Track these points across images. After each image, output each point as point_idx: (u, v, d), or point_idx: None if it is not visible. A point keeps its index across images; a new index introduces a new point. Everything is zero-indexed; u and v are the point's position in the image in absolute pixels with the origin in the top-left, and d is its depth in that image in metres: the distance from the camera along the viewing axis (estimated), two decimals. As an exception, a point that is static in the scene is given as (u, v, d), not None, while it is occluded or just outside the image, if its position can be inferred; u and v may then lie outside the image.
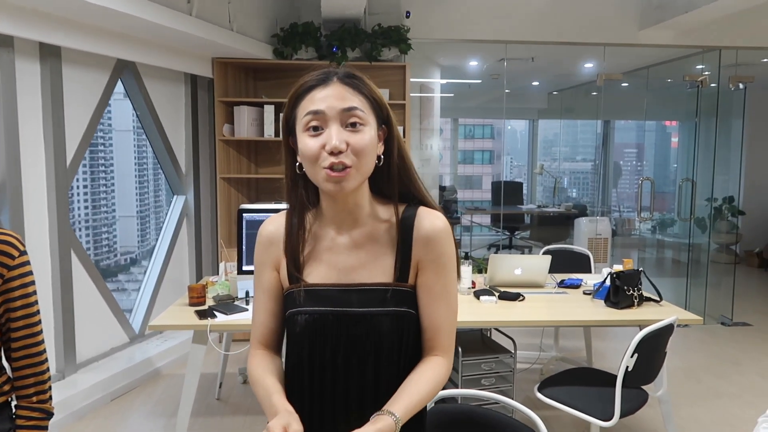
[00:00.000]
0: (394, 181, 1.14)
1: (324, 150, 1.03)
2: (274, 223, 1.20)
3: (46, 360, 1.40)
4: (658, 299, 3.00)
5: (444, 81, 6.96)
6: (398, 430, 1.02)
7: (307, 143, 1.05)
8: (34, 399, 1.36)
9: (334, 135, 1.03)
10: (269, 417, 1.07)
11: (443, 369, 1.13)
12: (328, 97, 1.04)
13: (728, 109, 6.08)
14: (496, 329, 3.34)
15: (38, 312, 1.38)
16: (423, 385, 1.10)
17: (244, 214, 2.93)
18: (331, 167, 1.03)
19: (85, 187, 4.21)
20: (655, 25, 4.74)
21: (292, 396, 1.15)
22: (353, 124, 1.04)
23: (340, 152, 1.02)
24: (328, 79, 1.06)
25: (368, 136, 1.05)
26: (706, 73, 5.32)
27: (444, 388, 1.71)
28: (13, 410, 1.36)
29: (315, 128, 1.04)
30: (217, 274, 3.43)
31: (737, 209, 7.39)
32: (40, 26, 2.92)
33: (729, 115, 6.31)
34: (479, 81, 7.59)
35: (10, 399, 1.36)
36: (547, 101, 9.09)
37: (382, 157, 1.12)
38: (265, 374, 1.14)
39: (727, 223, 7.39)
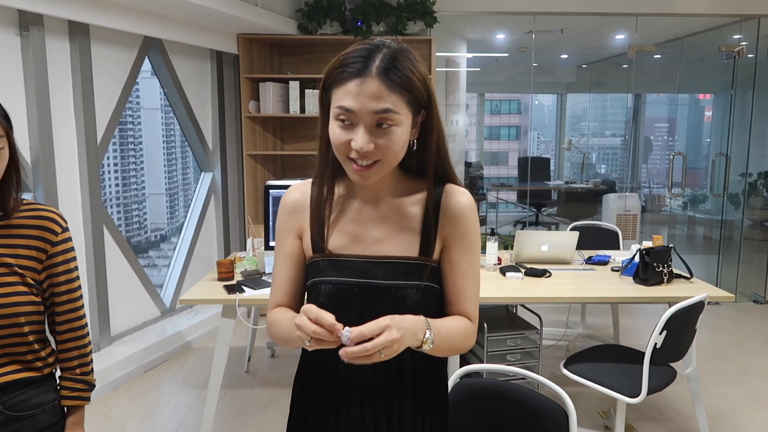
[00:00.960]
0: (429, 164, 1.12)
1: (351, 145, 1.02)
2: (298, 191, 1.20)
3: (88, 333, 1.44)
4: (689, 276, 2.95)
5: (470, 55, 6.84)
6: (429, 336, 1.01)
7: (335, 132, 1.04)
8: (78, 371, 1.41)
9: (361, 138, 1.01)
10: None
11: (471, 325, 1.14)
12: (362, 95, 1.00)
13: (766, 80, 5.86)
14: (522, 305, 3.33)
15: (80, 287, 1.42)
16: (453, 322, 1.11)
17: (271, 191, 2.95)
18: (357, 160, 1.03)
19: (115, 164, 4.30)
20: (691, -6, 4.58)
21: (315, 367, 1.17)
22: (384, 123, 1.02)
23: (366, 152, 1.02)
24: (365, 71, 1.00)
25: (397, 135, 1.03)
26: (744, 43, 5.13)
27: (469, 363, 1.72)
28: (57, 381, 1.42)
29: (345, 120, 1.03)
30: (245, 249, 3.48)
31: (773, 185, 7.17)
32: (69, 4, 2.94)
33: (767, 87, 6.09)
34: (506, 54, 7.44)
35: (54, 370, 1.41)
36: (576, 75, 8.88)
37: (416, 141, 1.10)
38: (286, 311, 1.16)
39: (762, 199, 7.17)
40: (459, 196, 1.14)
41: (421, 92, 1.05)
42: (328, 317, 0.93)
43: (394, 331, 0.93)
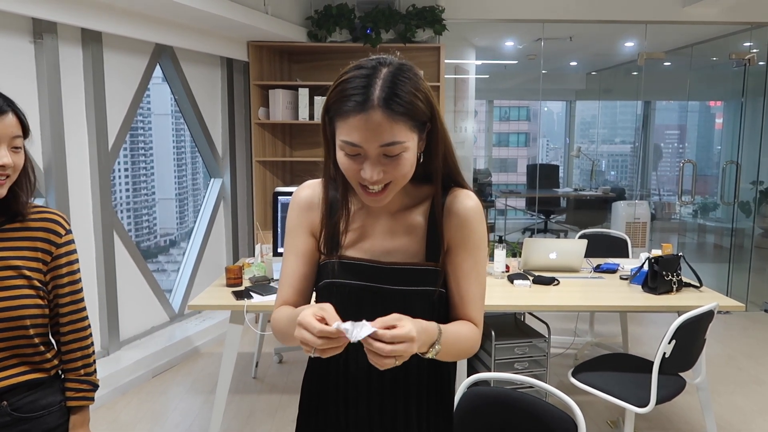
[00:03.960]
0: (436, 174, 1.12)
1: (361, 174, 1.03)
2: (312, 188, 1.20)
3: (91, 335, 1.46)
4: (698, 285, 2.93)
5: (479, 62, 6.86)
6: (437, 347, 1.01)
7: (343, 161, 1.04)
8: (82, 372, 1.42)
9: (369, 170, 1.02)
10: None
11: (476, 331, 1.14)
12: (367, 131, 0.99)
13: (777, 88, 5.83)
14: (530, 313, 3.32)
15: (82, 289, 1.44)
16: (459, 327, 1.11)
17: (280, 197, 2.97)
18: (368, 186, 1.04)
19: (126, 170, 4.33)
20: (700, 1, 4.56)
21: (325, 365, 1.17)
22: (391, 153, 1.02)
23: (377, 181, 1.03)
24: (367, 103, 0.98)
25: (405, 159, 1.03)
26: (754, 50, 5.11)
27: (477, 372, 1.72)
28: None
29: (352, 153, 1.03)
30: (253, 255, 3.49)
31: (785, 193, 7.11)
32: (82, 12, 2.98)
33: (778, 95, 6.05)
34: (515, 62, 7.45)
35: (60, 372, 1.42)
36: (585, 82, 8.87)
37: (422, 155, 1.10)
38: (290, 308, 1.14)
39: (774, 207, 7.12)
40: (464, 199, 1.14)
41: (425, 112, 1.04)
42: (328, 328, 0.91)
43: (415, 347, 0.94)
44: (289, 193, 2.99)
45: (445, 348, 1.04)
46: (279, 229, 2.97)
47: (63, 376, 1.43)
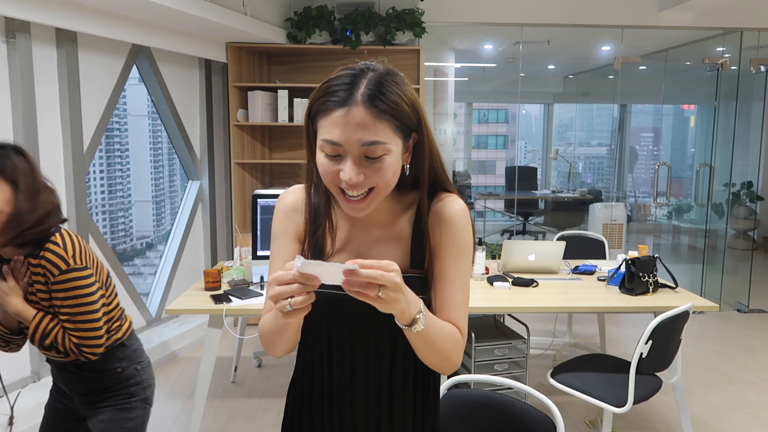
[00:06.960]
0: (423, 187, 1.11)
1: (340, 176, 1.00)
2: (296, 193, 1.18)
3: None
4: (674, 286, 2.98)
5: (458, 65, 6.90)
6: (422, 317, 0.98)
7: (323, 163, 1.02)
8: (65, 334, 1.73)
9: (349, 170, 0.98)
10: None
11: (459, 336, 1.10)
12: (348, 126, 0.96)
13: (749, 92, 5.97)
14: (510, 315, 3.34)
15: (94, 302, 1.74)
16: (445, 323, 1.08)
17: (259, 200, 2.94)
18: (347, 192, 1.01)
19: (101, 172, 4.26)
20: (675, 7, 4.65)
21: (312, 381, 1.16)
22: (373, 155, 0.99)
23: (356, 184, 1.00)
24: (350, 99, 0.97)
25: (387, 164, 1.01)
26: (727, 55, 5.22)
27: (457, 374, 1.72)
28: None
29: (332, 153, 1.00)
30: (232, 259, 3.46)
31: (756, 195, 7.28)
32: (57, 11, 2.93)
33: (749, 99, 6.20)
34: (494, 65, 7.51)
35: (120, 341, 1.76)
36: (562, 85, 8.98)
37: (408, 167, 1.08)
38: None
39: (746, 209, 7.29)
40: (451, 203, 1.12)
41: (410, 117, 1.02)
42: (293, 273, 0.89)
43: (399, 278, 0.91)
44: (269, 196, 2.97)
45: (430, 329, 1.00)
46: (258, 232, 2.95)
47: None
